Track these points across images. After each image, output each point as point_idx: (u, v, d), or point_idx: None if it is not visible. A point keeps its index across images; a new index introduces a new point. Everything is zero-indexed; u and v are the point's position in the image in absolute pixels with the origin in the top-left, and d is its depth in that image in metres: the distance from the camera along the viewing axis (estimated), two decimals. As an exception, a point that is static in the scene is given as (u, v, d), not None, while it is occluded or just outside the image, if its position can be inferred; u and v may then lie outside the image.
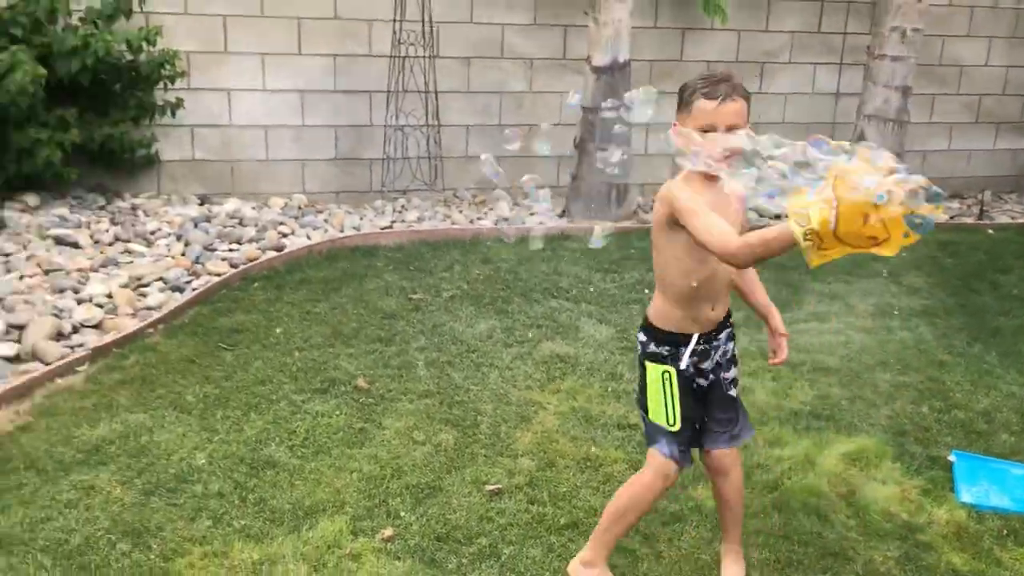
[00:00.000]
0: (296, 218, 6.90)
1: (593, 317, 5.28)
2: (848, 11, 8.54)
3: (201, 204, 7.01)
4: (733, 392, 2.94)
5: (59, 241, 5.72)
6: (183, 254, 5.77)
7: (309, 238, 6.48)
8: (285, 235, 6.46)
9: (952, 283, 6.21)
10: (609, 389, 4.35)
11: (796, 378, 4.57)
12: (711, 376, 2.85)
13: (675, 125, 2.64)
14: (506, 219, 7.34)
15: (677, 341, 2.75)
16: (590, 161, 7.24)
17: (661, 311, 2.78)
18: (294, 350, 4.61)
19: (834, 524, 3.35)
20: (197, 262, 5.68)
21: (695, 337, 2.76)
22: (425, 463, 3.62)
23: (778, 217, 2.48)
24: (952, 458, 3.80)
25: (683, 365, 2.75)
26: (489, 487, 3.46)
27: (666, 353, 2.76)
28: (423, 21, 7.18)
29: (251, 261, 5.80)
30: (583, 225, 7.03)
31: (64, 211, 6.25)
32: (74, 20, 6.34)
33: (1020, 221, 8.28)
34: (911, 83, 7.79)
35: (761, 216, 6.69)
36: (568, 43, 7.86)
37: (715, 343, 2.84)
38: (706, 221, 2.47)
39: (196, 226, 6.28)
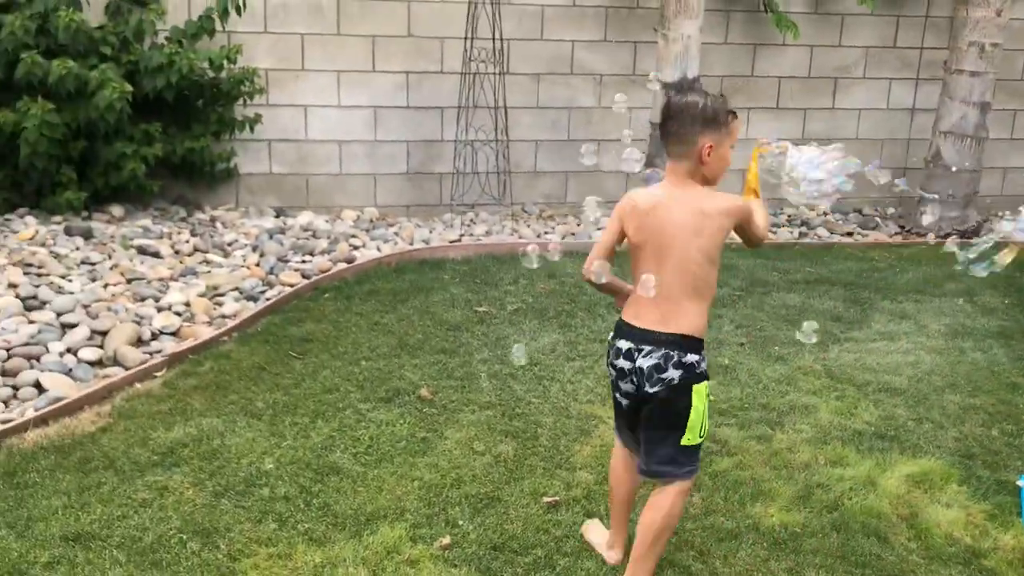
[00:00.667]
0: (367, 231, 7.07)
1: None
2: (925, 26, 8.39)
3: (277, 216, 7.23)
4: None
5: (142, 251, 5.97)
6: (258, 265, 5.96)
7: (379, 250, 6.63)
8: (356, 247, 6.62)
9: (1030, 304, 6.05)
10: (670, 405, 4.36)
11: (861, 398, 4.51)
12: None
13: (710, 148, 2.75)
14: (573, 233, 7.40)
15: (700, 346, 2.84)
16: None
17: (705, 322, 2.83)
18: (361, 360, 4.73)
19: (894, 546, 3.31)
20: (271, 273, 5.87)
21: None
22: (484, 473, 3.68)
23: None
24: (1021, 483, 3.71)
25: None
26: (547, 499, 3.50)
27: (707, 366, 2.85)
28: (494, 38, 7.30)
29: (322, 272, 5.96)
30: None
31: (147, 222, 6.52)
32: (160, 39, 6.62)
33: (1106, 241, 8.00)
34: (990, 99, 7.62)
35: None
36: (638, 59, 7.90)
37: None
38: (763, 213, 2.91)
39: (271, 238, 6.48)
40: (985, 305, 6.00)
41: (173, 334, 4.93)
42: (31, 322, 4.75)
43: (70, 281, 5.33)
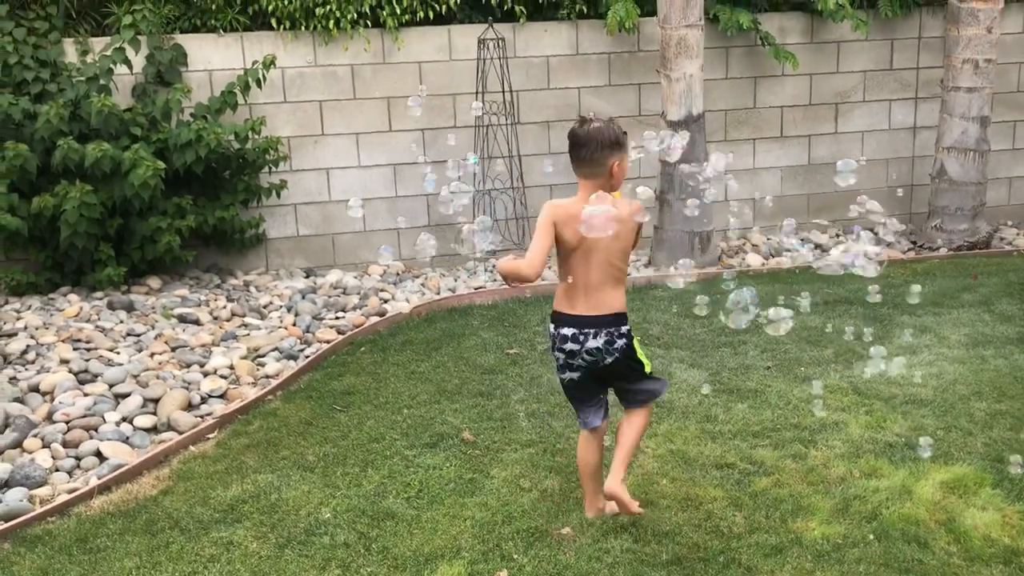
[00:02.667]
0: (395, 283, 7.28)
1: (685, 362, 5.46)
2: (919, 47, 8.62)
3: (307, 276, 7.47)
4: None
5: (182, 319, 6.20)
6: (294, 324, 6.18)
7: (408, 302, 6.83)
8: (386, 300, 6.83)
9: (1046, 309, 6.18)
10: (705, 430, 4.51)
11: (889, 411, 4.65)
12: None
13: (617, 164, 3.41)
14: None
15: None
16: (671, 212, 7.46)
17: (624, 302, 3.58)
18: (403, 408, 4.91)
19: (935, 551, 3.44)
20: (308, 331, 6.08)
21: None
22: (533, 508, 3.83)
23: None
24: (1052, 482, 3.83)
25: None
26: (563, 531, 3.64)
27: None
28: (503, 91, 7.57)
29: (357, 327, 6.17)
30: (669, 274, 7.22)
31: (184, 291, 6.76)
32: (186, 116, 6.92)
33: (1117, 242, 8.14)
34: (989, 113, 7.82)
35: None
36: (643, 100, 8.15)
37: None
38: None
39: (304, 297, 6.70)
40: (1003, 313, 6.14)
41: (221, 396, 5.13)
42: (86, 395, 4.96)
43: (118, 353, 5.56)
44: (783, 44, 8.14)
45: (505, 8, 7.72)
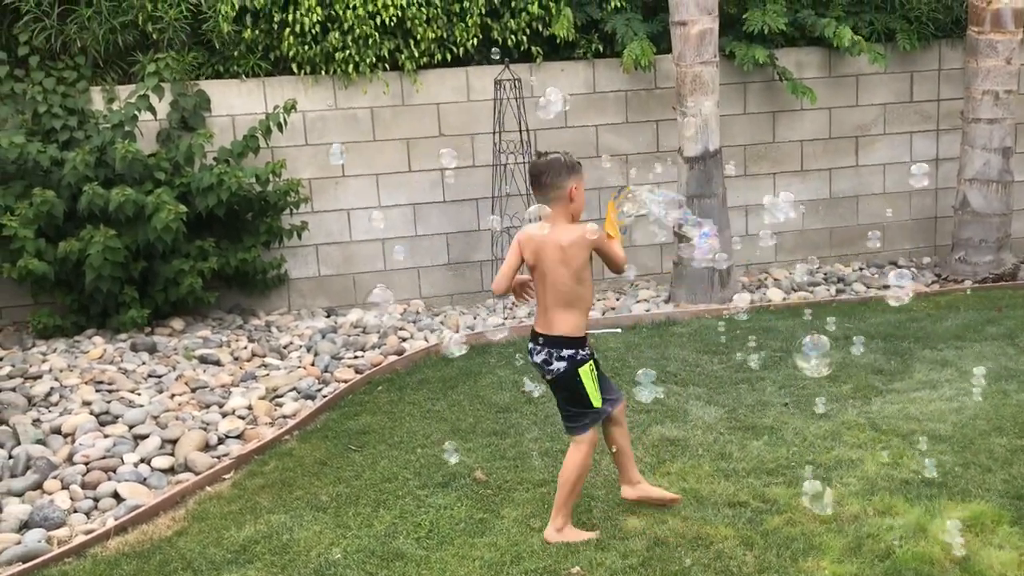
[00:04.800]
0: (414, 322, 7.33)
1: (701, 399, 5.43)
2: (939, 78, 8.59)
3: (328, 316, 7.54)
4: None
5: (203, 360, 6.28)
6: (313, 364, 6.23)
7: (427, 340, 6.87)
8: (405, 339, 6.88)
9: (1072, 342, 6.08)
10: (719, 468, 4.48)
11: (907, 447, 4.59)
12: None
13: (575, 188, 3.75)
14: (613, 308, 7.59)
15: (587, 342, 3.86)
16: (690, 247, 7.44)
17: (578, 325, 3.83)
18: (416, 447, 4.92)
19: (948, 591, 3.38)
20: (326, 371, 6.13)
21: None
22: (543, 548, 3.82)
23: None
24: (1072, 520, 3.76)
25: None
26: (574, 570, 3.62)
27: (588, 353, 3.84)
28: (520, 130, 7.64)
29: (375, 366, 6.21)
30: (689, 309, 7.21)
31: (207, 332, 6.85)
32: (209, 160, 7.06)
33: None
34: (1011, 143, 7.76)
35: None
36: (660, 136, 8.19)
37: None
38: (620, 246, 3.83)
39: (324, 337, 6.76)
40: (1027, 346, 6.05)
41: (238, 437, 5.19)
42: (106, 436, 5.04)
43: (139, 395, 5.64)
44: (801, 78, 8.15)
45: (522, 49, 7.82)
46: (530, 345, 3.90)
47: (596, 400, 3.84)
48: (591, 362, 3.85)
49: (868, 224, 8.70)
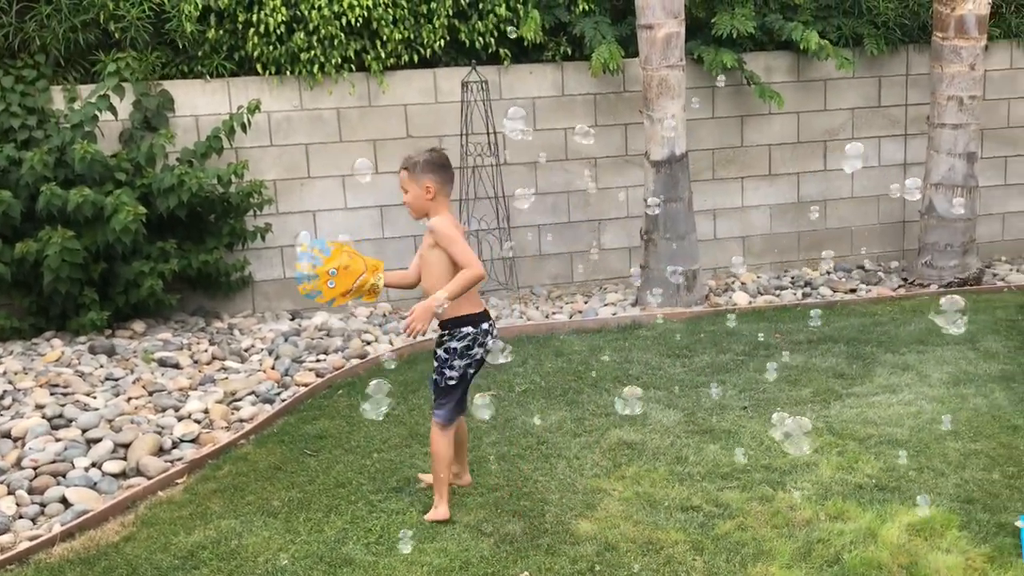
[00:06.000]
0: (380, 325, 7.28)
1: (661, 403, 5.41)
2: (906, 83, 8.64)
3: (292, 319, 7.48)
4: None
5: (162, 363, 6.21)
6: (273, 368, 6.17)
7: (391, 344, 6.82)
8: (369, 343, 6.83)
9: (1032, 346, 6.11)
10: (674, 472, 4.46)
11: (863, 451, 4.59)
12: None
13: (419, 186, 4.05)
14: (580, 312, 7.57)
15: (474, 322, 4.05)
16: (656, 251, 7.45)
17: (460, 305, 3.97)
18: (373, 452, 4.88)
19: (895, 596, 3.37)
20: (286, 374, 6.07)
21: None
22: (492, 555, 3.79)
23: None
24: (1020, 523, 3.76)
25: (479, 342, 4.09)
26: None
27: (470, 332, 4.06)
28: (488, 133, 7.62)
29: (336, 370, 6.16)
30: (655, 313, 7.20)
31: (168, 335, 6.78)
32: (172, 161, 6.99)
33: (1110, 277, 8.06)
34: (975, 149, 7.80)
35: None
36: (629, 140, 8.18)
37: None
38: (468, 248, 3.97)
39: (286, 340, 6.70)
40: (987, 350, 6.07)
41: (193, 441, 5.12)
42: (57, 440, 4.96)
43: (94, 398, 5.56)
44: (769, 83, 8.17)
45: (490, 51, 7.80)
46: (486, 326, 4.08)
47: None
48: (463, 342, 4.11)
49: (836, 228, 8.74)
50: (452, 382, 4.07)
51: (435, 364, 4.11)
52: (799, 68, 8.43)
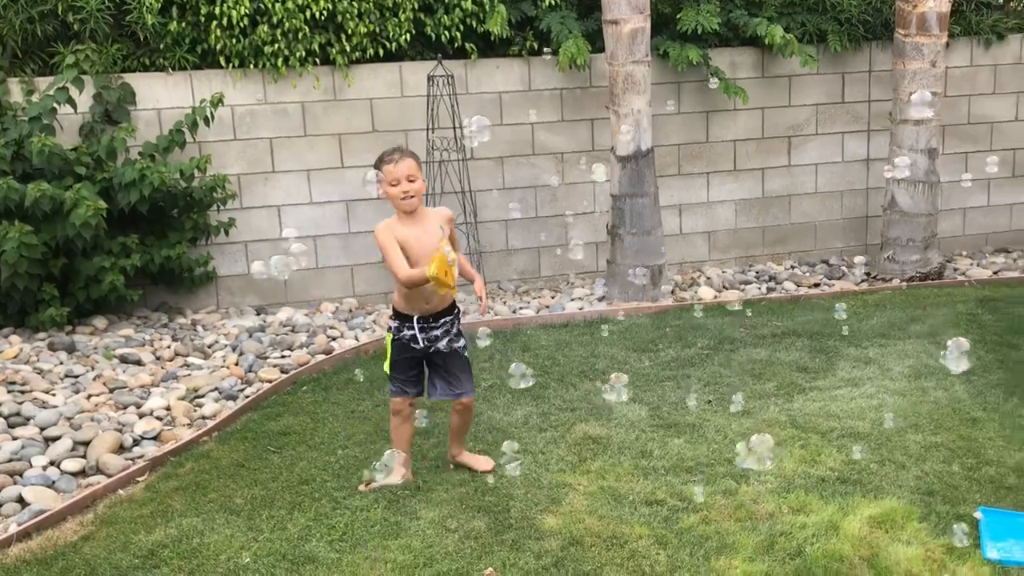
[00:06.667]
0: (346, 321, 7.23)
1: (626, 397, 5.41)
2: (870, 80, 8.72)
3: (257, 315, 7.41)
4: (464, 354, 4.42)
5: (124, 360, 6.12)
6: (237, 364, 6.11)
7: (358, 339, 6.78)
8: (334, 338, 6.78)
9: (991, 339, 6.20)
10: (639, 466, 4.47)
11: (825, 445, 4.63)
12: (440, 346, 4.33)
13: (379, 183, 4.27)
14: (547, 307, 7.57)
15: (401, 319, 4.31)
16: (622, 246, 7.47)
17: (396, 301, 4.34)
18: (337, 449, 4.85)
19: (855, 588, 3.40)
20: (250, 371, 6.01)
21: (415, 318, 4.28)
22: (456, 551, 3.78)
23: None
24: (979, 515, 3.82)
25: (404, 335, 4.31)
26: (485, 572, 3.59)
27: (394, 326, 4.33)
28: (454, 127, 7.58)
29: (301, 366, 6.11)
30: (621, 307, 7.22)
31: (129, 331, 6.68)
32: (134, 155, 6.89)
33: (1067, 271, 8.20)
34: (936, 145, 7.89)
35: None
36: (595, 135, 8.18)
37: (435, 324, 4.30)
38: (392, 256, 4.13)
39: (251, 336, 6.64)
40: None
41: (155, 438, 5.06)
42: (15, 438, 4.87)
43: (53, 395, 5.47)
44: (735, 79, 8.21)
45: (456, 45, 7.76)
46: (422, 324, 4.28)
47: (387, 367, 4.39)
48: (391, 336, 4.36)
49: (801, 223, 8.81)
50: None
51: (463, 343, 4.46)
52: (764, 64, 8.48)
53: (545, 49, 7.63)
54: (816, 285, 8.00)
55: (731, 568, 3.55)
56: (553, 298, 7.82)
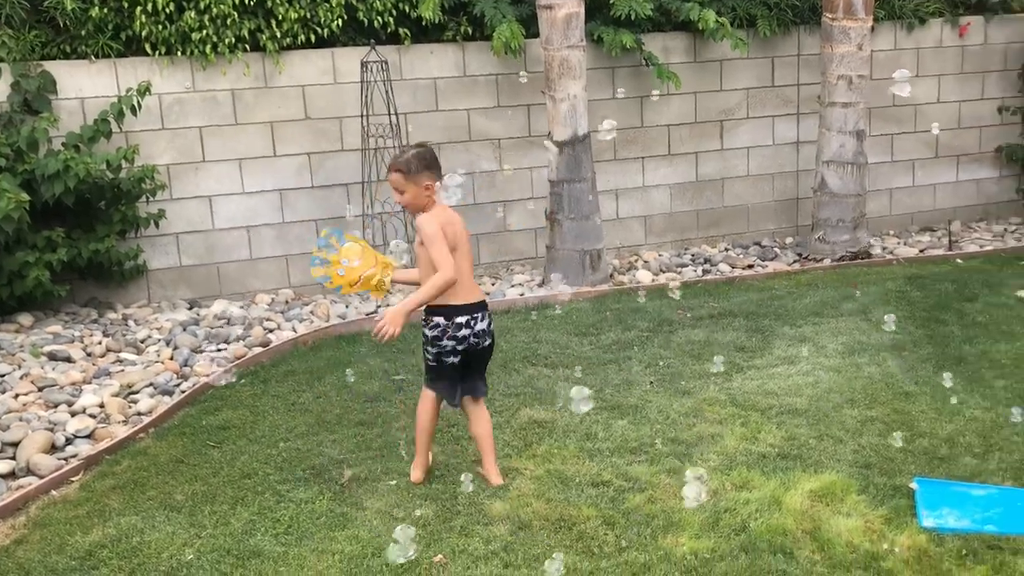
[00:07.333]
0: (282, 312, 7.12)
1: (570, 381, 5.43)
2: (798, 64, 8.87)
3: (190, 308, 7.25)
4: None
5: (53, 357, 5.93)
6: (172, 358, 5.97)
7: (295, 331, 6.68)
8: (271, 330, 6.67)
9: (919, 315, 6.38)
10: (584, 449, 4.49)
11: (765, 422, 4.71)
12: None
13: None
14: (488, 294, 7.54)
15: (468, 311, 4.05)
16: (561, 231, 7.49)
17: (453, 294, 3.99)
18: (279, 441, 4.77)
19: (799, 560, 3.47)
20: (185, 365, 5.88)
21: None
22: (406, 539, 3.74)
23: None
24: (914, 485, 3.92)
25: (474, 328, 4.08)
26: (436, 558, 3.58)
27: (456, 324, 4.05)
28: (389, 113, 7.50)
29: (238, 359, 5.99)
30: (561, 292, 7.24)
31: (58, 328, 6.48)
32: (57, 146, 6.66)
33: (988, 249, 8.48)
34: (864, 127, 8.08)
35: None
36: (532, 120, 8.18)
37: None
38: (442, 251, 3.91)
39: (185, 330, 6.49)
40: (878, 321, 6.29)
41: (88, 437, 4.91)
42: (-63, 442, 4.69)
43: (-22, 396, 5.28)
44: (668, 63, 8.28)
45: (389, 31, 7.68)
46: (462, 319, 4.01)
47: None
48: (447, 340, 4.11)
49: (734, 206, 8.94)
50: (432, 362, 4.10)
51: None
52: (696, 49, 8.57)
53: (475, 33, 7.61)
54: (750, 266, 8.14)
55: (678, 545, 3.59)
56: (493, 285, 7.81)
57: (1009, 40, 9.47)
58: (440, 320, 4.02)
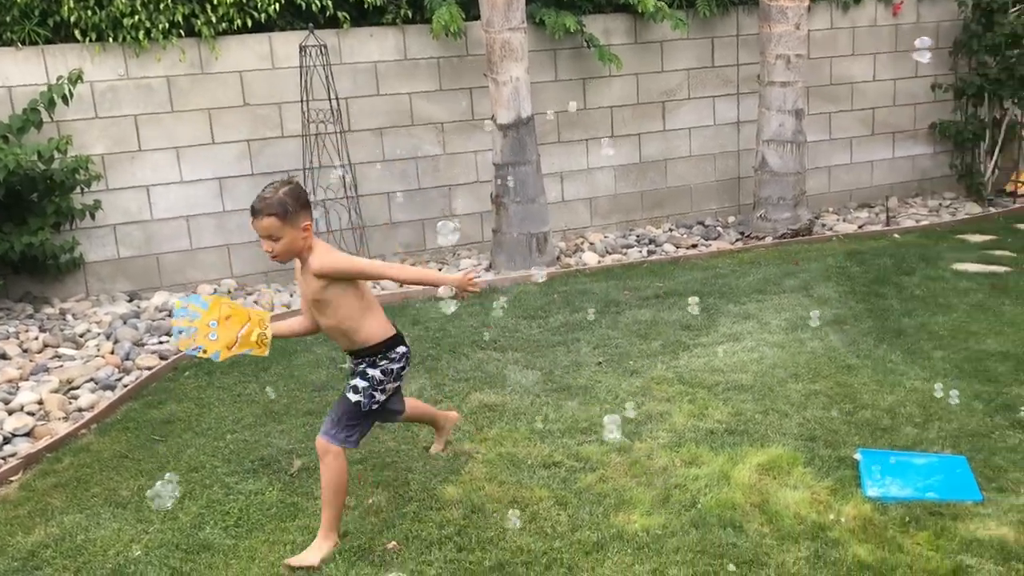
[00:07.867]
0: (226, 303, 6.99)
1: (520, 364, 5.45)
2: (738, 44, 8.96)
3: (130, 301, 7.10)
4: (348, 395, 3.65)
5: (-13, 354, 5.76)
6: (112, 352, 5.84)
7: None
8: (215, 321, 6.55)
9: (860, 290, 6.50)
10: (535, 431, 4.51)
11: (712, 398, 4.77)
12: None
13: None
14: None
15: (396, 343, 3.72)
16: (507, 215, 7.48)
17: (376, 330, 3.64)
18: (226, 433, 4.70)
19: (748, 533, 3.53)
20: (127, 359, 5.76)
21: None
22: (357, 527, 3.72)
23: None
24: (858, 456, 4.01)
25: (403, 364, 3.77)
26: (388, 545, 3.57)
27: (391, 359, 3.71)
28: (330, 99, 7.40)
29: (181, 351, 5.88)
30: (509, 276, 7.24)
31: (-9, 324, 6.30)
32: (-16, 136, 6.46)
33: (924, 223, 8.68)
34: (803, 105, 8.19)
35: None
36: (475, 104, 8.14)
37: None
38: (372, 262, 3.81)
39: (125, 323, 6.35)
40: (820, 296, 6.42)
41: (27, 435, 4.79)
42: None
43: (-91, 396, 5.11)
44: (609, 45, 8.30)
45: (328, 14, 7.56)
46: (404, 349, 3.74)
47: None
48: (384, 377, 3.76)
49: (676, 186, 9.02)
50: (375, 406, 3.65)
51: (357, 386, 3.61)
52: (636, 30, 8.59)
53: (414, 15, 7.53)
54: (694, 246, 8.22)
55: (630, 523, 3.62)
56: (440, 270, 7.78)
57: (940, 19, 9.67)
58: (401, 349, 3.69)
